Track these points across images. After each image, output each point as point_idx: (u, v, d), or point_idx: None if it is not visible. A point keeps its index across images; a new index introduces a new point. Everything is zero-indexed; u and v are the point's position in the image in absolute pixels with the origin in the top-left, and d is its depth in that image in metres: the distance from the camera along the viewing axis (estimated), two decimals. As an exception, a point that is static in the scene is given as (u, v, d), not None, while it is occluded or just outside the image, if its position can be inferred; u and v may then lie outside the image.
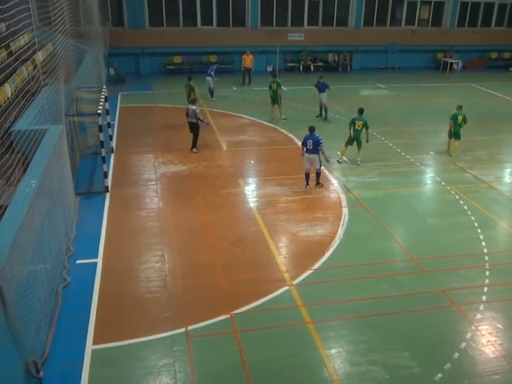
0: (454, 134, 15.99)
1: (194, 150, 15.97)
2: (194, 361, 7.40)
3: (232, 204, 12.71)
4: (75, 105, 14.55)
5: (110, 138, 16.20)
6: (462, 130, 15.95)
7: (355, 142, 15.04)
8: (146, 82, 26.19)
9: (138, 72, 28.39)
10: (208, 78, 22.62)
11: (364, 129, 14.82)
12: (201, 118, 15.81)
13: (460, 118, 15.87)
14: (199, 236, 10.98)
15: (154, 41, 27.74)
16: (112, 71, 26.52)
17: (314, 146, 13.00)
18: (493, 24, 32.52)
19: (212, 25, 29.02)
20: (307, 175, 13.37)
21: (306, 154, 13.19)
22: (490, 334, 8.11)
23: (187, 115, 15.93)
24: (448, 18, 31.55)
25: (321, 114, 20.18)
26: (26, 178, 7.95)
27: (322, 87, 19.63)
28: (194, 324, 8.13)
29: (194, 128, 15.87)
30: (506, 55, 32.94)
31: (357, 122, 14.90)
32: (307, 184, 13.40)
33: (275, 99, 19.54)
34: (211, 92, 22.83)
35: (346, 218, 11.83)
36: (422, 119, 20.56)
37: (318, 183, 13.54)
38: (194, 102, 16.19)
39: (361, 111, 15.15)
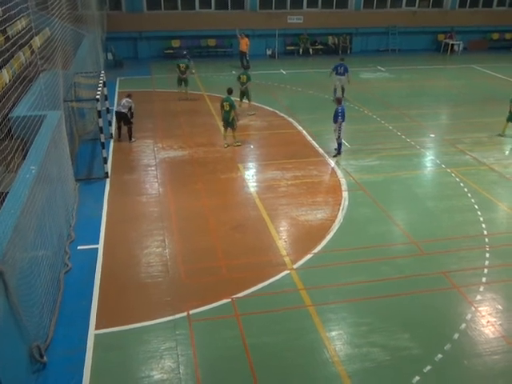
0: None
1: (133, 139, 15.66)
2: (196, 344, 7.46)
3: (232, 189, 12.71)
4: (73, 90, 14.46)
5: (109, 123, 16.15)
6: None
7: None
8: (145, 67, 26.01)
9: (136, 56, 28.18)
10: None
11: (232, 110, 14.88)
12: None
13: None
14: (200, 221, 10.99)
15: (152, 25, 27.48)
16: (110, 56, 26.28)
17: None
18: (494, 4, 32.12)
19: (210, 8, 28.70)
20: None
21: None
22: (489, 314, 8.17)
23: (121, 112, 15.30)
24: (449, -1, 31.20)
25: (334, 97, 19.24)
26: (26, 165, 7.95)
27: (345, 70, 19.28)
28: (196, 308, 8.19)
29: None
30: (508, 36, 32.64)
31: (225, 103, 14.97)
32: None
33: (245, 93, 18.04)
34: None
35: (346, 202, 11.84)
36: (422, 102, 20.45)
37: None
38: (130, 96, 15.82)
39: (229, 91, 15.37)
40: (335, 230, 10.64)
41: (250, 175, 13.43)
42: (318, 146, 15.35)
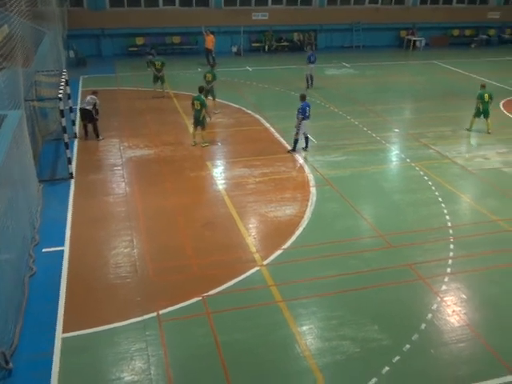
0: (484, 113, 16.27)
1: (100, 137, 15.44)
2: (167, 344, 7.40)
3: (200, 187, 12.65)
4: (35, 89, 14.09)
5: (73, 123, 15.80)
6: (490, 106, 16.27)
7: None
8: (109, 65, 25.58)
9: (99, 54, 27.68)
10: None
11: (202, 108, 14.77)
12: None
13: (486, 96, 16.14)
14: (168, 220, 10.90)
15: (115, 22, 27.02)
16: (72, 54, 25.70)
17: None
18: (454, 1, 32.94)
19: (174, 5, 28.45)
20: (307, 138, 14.75)
21: (306, 121, 14.37)
22: (454, 304, 8.38)
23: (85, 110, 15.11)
24: (411, -4, 31.82)
25: (308, 85, 21.30)
26: (-14, 166, 7.70)
27: (315, 58, 21.11)
28: (166, 308, 8.11)
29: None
30: (468, 32, 33.60)
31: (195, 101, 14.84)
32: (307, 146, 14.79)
33: (209, 91, 17.67)
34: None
35: (314, 198, 11.93)
36: (386, 97, 20.80)
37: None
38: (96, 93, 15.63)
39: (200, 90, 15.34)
40: (304, 225, 10.72)
41: (219, 173, 13.39)
42: (285, 142, 15.41)
